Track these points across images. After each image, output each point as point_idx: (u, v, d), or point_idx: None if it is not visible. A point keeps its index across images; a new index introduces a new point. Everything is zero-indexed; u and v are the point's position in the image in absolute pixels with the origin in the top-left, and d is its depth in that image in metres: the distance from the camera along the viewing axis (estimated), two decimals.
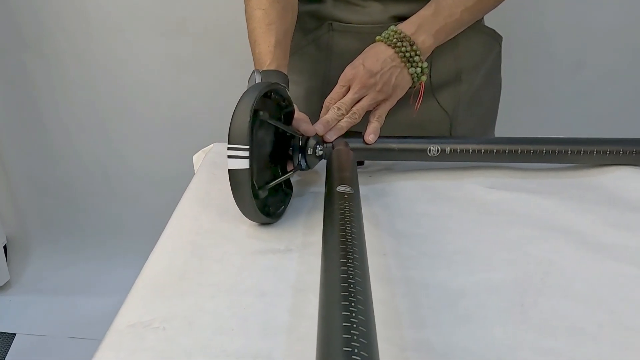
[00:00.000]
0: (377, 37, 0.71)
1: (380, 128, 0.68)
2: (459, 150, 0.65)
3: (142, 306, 0.42)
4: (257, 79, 0.70)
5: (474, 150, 0.65)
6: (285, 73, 0.72)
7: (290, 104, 0.62)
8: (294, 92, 0.88)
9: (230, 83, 1.38)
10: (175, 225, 0.56)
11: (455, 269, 0.46)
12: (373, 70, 0.67)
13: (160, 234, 0.56)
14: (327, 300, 0.32)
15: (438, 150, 0.65)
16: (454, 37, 0.84)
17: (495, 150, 0.65)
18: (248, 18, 0.75)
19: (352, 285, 0.31)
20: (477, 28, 0.87)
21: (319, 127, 0.65)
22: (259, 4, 0.74)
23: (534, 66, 1.37)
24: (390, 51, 0.69)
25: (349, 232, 0.38)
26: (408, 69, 0.69)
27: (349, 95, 0.68)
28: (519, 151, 0.65)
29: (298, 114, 0.64)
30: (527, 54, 1.34)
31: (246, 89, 0.71)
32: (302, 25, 0.85)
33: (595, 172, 0.65)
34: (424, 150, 0.65)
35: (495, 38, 0.91)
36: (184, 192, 0.66)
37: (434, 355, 0.36)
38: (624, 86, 1.41)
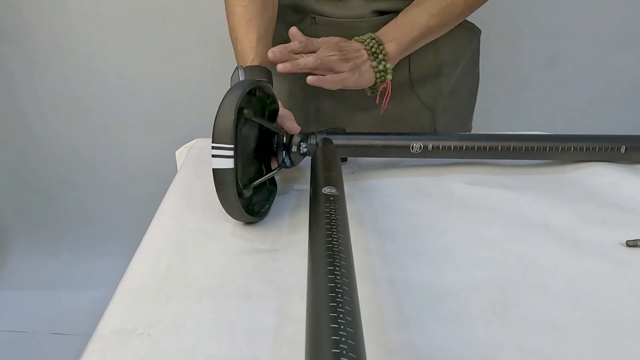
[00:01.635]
0: (355, 37, 0.72)
1: (329, 83, 0.65)
2: (440, 147, 0.65)
3: (126, 311, 0.41)
4: (241, 75, 0.68)
5: (455, 147, 0.65)
6: (269, 68, 0.71)
7: (275, 101, 0.60)
8: (277, 87, 0.86)
9: (211, 74, 1.35)
10: (159, 225, 0.54)
11: (438, 267, 0.46)
12: (342, 47, 0.68)
13: (142, 227, 0.55)
14: (314, 307, 0.31)
15: (420, 147, 0.65)
16: None
17: (475, 147, 0.65)
18: (228, 15, 0.74)
19: (339, 295, 0.30)
20: None
21: (272, 53, 0.61)
22: (239, 1, 0.72)
23: (510, 60, 1.38)
24: (359, 44, 0.70)
25: (335, 238, 0.37)
26: (371, 62, 0.69)
27: (315, 53, 0.66)
28: (499, 148, 0.65)
29: (282, 111, 0.63)
30: (503, 48, 1.35)
31: (230, 84, 0.70)
32: (285, 19, 0.84)
33: (572, 168, 0.65)
34: (407, 147, 0.65)
35: (474, 32, 0.91)
36: (167, 189, 0.64)
37: (418, 357, 0.36)
38: (596, 81, 1.43)
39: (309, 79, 0.62)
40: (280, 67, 0.62)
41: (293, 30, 0.67)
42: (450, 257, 0.47)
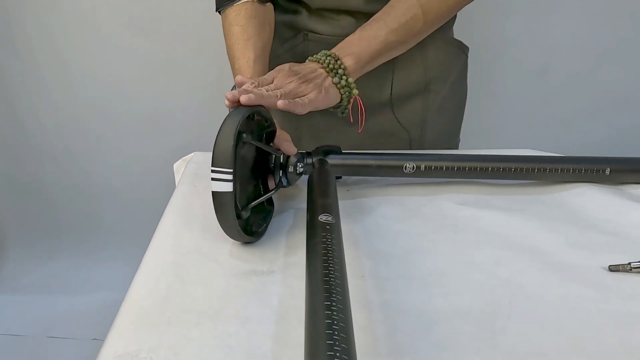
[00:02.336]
0: (308, 58, 0.70)
1: (299, 107, 0.62)
2: (432, 167, 0.66)
3: (128, 335, 0.42)
4: None
5: (447, 167, 0.66)
6: None
7: (272, 124, 0.61)
8: None
9: (206, 82, 1.36)
10: (158, 245, 0.55)
11: (430, 291, 0.47)
12: (297, 71, 0.66)
13: (138, 232, 0.56)
14: (312, 345, 0.32)
15: (413, 167, 0.66)
16: (423, 50, 0.86)
17: (467, 168, 0.67)
18: (226, 34, 0.75)
19: (336, 333, 0.31)
20: (445, 40, 0.89)
21: (229, 94, 0.55)
22: (237, 20, 0.73)
23: (499, 74, 1.40)
24: (314, 64, 0.68)
25: (332, 270, 0.38)
26: (332, 77, 0.68)
27: (272, 83, 0.64)
28: (489, 168, 0.67)
29: (280, 133, 0.64)
30: (492, 62, 1.36)
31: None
32: (279, 35, 0.85)
33: (558, 189, 0.67)
34: (400, 167, 0.66)
35: (462, 49, 0.93)
36: (166, 203, 0.65)
37: None
38: (585, 92, 1.45)
39: (279, 102, 0.59)
40: (243, 98, 0.55)
41: (238, 79, 0.64)
42: (442, 281, 0.48)
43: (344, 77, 0.68)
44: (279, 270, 0.51)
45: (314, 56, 0.70)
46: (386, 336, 0.42)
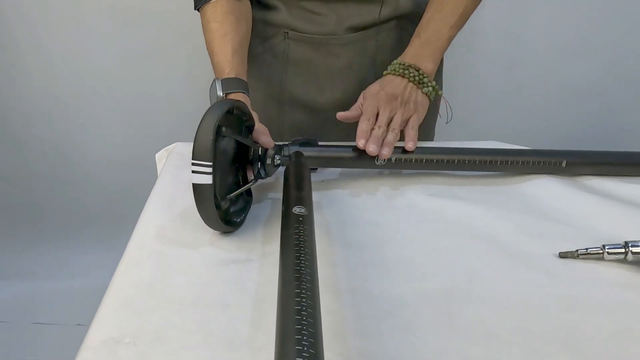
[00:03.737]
0: (384, 72, 0.75)
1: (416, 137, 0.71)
2: (403, 160, 0.69)
3: (113, 322, 0.43)
4: (218, 87, 0.70)
5: (416, 160, 0.69)
6: (245, 80, 0.73)
7: (251, 118, 0.63)
8: (251, 97, 0.88)
9: (189, 72, 1.35)
10: (141, 235, 0.56)
11: (395, 277, 0.50)
12: (394, 93, 0.72)
13: (120, 220, 0.57)
14: (283, 328, 0.34)
15: (385, 159, 0.68)
16: (403, 44, 0.87)
17: (435, 160, 0.69)
18: (205, 30, 0.75)
19: (304, 318, 0.34)
20: None
21: (372, 147, 0.66)
22: (214, 16, 0.73)
23: (470, 67, 1.42)
24: (400, 79, 0.73)
25: (302, 261, 0.41)
26: (422, 89, 0.74)
27: (383, 115, 0.71)
28: (455, 161, 0.69)
29: (258, 126, 0.65)
30: (464, 56, 1.39)
31: (209, 94, 0.72)
32: (258, 33, 0.85)
33: (518, 180, 0.70)
34: (372, 159, 0.68)
35: None
36: (148, 195, 0.66)
37: None
38: (551, 85, 1.49)
39: (411, 146, 0.68)
40: (382, 153, 0.66)
41: (340, 115, 0.73)
42: (407, 268, 0.51)
43: (430, 84, 0.74)
44: (256, 259, 0.53)
45: (392, 68, 0.74)
46: (353, 319, 0.44)
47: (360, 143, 0.66)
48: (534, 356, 0.41)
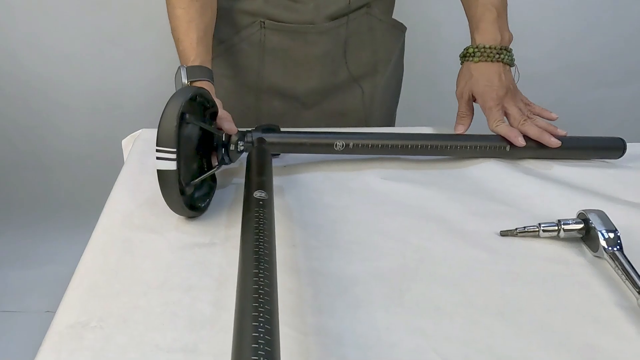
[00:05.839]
0: (475, 59, 0.75)
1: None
2: (360, 145, 0.70)
3: (80, 306, 0.43)
4: (183, 75, 0.69)
5: (373, 145, 0.70)
6: (210, 68, 0.72)
7: (214, 105, 0.62)
8: (227, 86, 0.86)
9: (155, 58, 1.31)
10: (107, 221, 0.56)
11: (350, 257, 0.51)
12: (508, 86, 0.74)
13: (88, 206, 0.56)
14: (241, 306, 0.35)
15: (343, 145, 0.69)
16: (372, 32, 0.87)
17: (390, 145, 0.70)
18: (170, 17, 0.73)
19: (261, 296, 0.35)
20: (389, 22, 0.90)
21: (519, 140, 0.69)
22: (179, 3, 0.71)
23: (428, 54, 1.44)
24: (497, 66, 0.74)
25: (261, 242, 0.41)
26: (510, 67, 0.75)
27: (513, 111, 0.73)
28: (409, 146, 0.71)
29: (222, 113, 0.64)
30: (423, 43, 1.40)
31: (174, 81, 0.71)
32: (233, 23, 0.83)
33: (467, 164, 0.72)
34: (331, 145, 0.69)
35: (401, 30, 0.95)
36: (114, 180, 0.65)
37: (328, 339, 0.41)
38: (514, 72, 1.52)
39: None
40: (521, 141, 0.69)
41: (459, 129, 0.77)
42: (361, 249, 0.53)
43: (513, 58, 0.76)
44: (220, 242, 0.53)
45: (483, 55, 0.74)
46: (311, 297, 0.45)
47: (520, 141, 0.69)
48: (474, 326, 0.44)
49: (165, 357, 0.39)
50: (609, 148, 0.74)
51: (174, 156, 0.50)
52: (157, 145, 0.51)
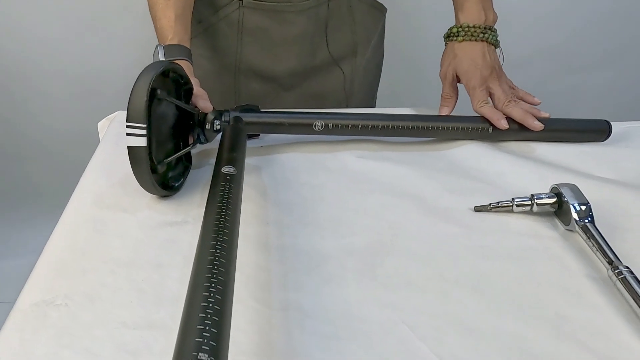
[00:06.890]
0: (459, 39, 0.73)
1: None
2: (339, 126, 0.68)
3: (45, 284, 0.42)
4: (161, 54, 0.67)
5: (352, 126, 0.68)
6: (188, 47, 0.70)
7: (188, 82, 0.60)
8: (206, 67, 0.84)
9: (133, 41, 1.28)
10: (78, 201, 0.54)
11: (323, 234, 0.50)
12: (493, 66, 0.72)
13: (64, 194, 0.54)
14: (195, 277, 0.34)
15: (322, 125, 0.67)
16: (352, 13, 0.85)
17: (369, 126, 0.69)
18: None
19: (215, 268, 0.34)
20: (369, 3, 0.88)
21: (502, 123, 0.67)
22: None
23: (411, 37, 1.42)
24: (481, 45, 0.73)
25: (223, 215, 0.40)
26: (495, 47, 0.73)
27: (497, 91, 0.71)
28: (389, 126, 0.69)
29: (197, 90, 0.62)
30: (406, 25, 1.38)
31: (152, 61, 0.68)
32: (211, 2, 0.81)
33: (447, 145, 0.70)
34: (310, 125, 0.67)
35: (382, 11, 0.93)
36: (88, 162, 0.63)
37: (297, 313, 0.40)
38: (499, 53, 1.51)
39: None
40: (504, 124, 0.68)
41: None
42: (335, 226, 0.52)
43: (497, 38, 0.74)
44: (192, 221, 0.51)
45: (467, 35, 0.72)
46: (280, 274, 0.44)
47: (503, 124, 0.67)
48: (445, 299, 0.43)
49: (131, 333, 0.38)
50: (594, 131, 0.72)
51: (144, 132, 0.49)
52: (127, 121, 0.49)
